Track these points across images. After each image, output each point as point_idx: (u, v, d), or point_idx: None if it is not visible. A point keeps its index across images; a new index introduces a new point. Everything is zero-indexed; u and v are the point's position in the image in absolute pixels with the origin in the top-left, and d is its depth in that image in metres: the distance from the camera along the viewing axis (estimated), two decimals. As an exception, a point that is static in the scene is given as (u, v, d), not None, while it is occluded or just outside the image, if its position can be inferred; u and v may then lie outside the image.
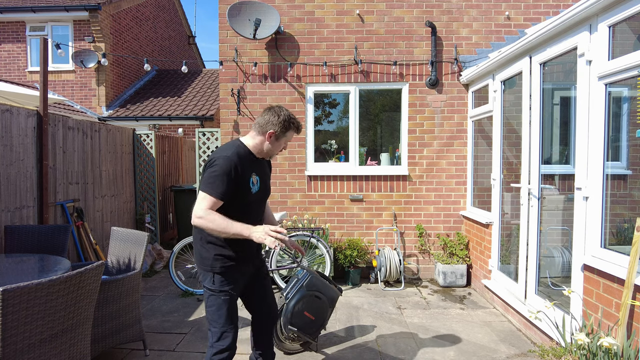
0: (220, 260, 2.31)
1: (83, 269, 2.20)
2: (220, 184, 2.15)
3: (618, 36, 2.82)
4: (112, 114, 10.76)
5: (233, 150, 2.25)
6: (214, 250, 2.31)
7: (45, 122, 4.45)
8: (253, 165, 2.32)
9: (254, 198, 2.32)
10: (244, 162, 2.25)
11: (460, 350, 3.46)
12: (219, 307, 2.32)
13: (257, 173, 2.33)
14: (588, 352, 2.56)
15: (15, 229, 3.89)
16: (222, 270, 2.30)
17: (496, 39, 5.43)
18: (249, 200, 2.30)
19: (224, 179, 2.15)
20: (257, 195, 2.34)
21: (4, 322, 1.83)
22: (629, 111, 3.53)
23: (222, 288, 2.31)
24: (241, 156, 2.25)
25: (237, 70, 5.54)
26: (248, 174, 2.26)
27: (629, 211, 3.72)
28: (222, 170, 2.15)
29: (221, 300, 2.32)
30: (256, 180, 2.32)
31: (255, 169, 2.32)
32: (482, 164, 5.22)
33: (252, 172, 2.29)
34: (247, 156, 2.30)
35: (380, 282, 5.23)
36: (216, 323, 2.33)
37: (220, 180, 2.15)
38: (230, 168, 2.17)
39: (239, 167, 2.20)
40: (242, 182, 2.23)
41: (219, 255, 2.30)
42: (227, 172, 2.15)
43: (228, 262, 2.31)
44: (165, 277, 5.62)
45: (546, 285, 3.93)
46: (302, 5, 5.50)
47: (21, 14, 10.77)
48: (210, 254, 2.31)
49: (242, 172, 2.22)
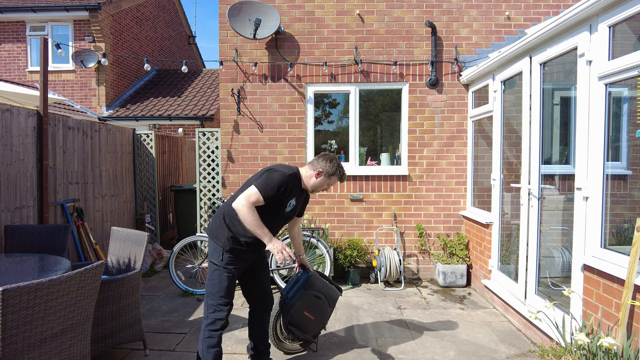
0: (233, 242, 2.69)
1: (83, 269, 2.20)
2: (272, 190, 2.57)
3: (618, 36, 2.82)
4: (112, 113, 10.76)
5: (292, 172, 2.71)
6: (232, 232, 2.68)
7: (45, 122, 4.45)
8: (296, 191, 2.74)
9: (284, 215, 2.76)
10: (293, 185, 2.69)
11: (460, 350, 3.46)
12: (221, 281, 2.67)
13: (296, 198, 2.77)
14: (588, 352, 2.56)
15: (15, 229, 3.89)
16: (232, 250, 2.67)
17: (496, 39, 5.43)
18: (280, 215, 2.74)
19: (275, 188, 2.57)
20: (287, 214, 2.78)
21: (4, 321, 1.83)
22: (629, 111, 3.53)
23: (228, 265, 2.68)
24: (293, 179, 2.70)
25: (237, 70, 5.54)
26: (290, 196, 2.69)
27: (629, 211, 3.72)
28: (279, 181, 2.59)
29: (224, 276, 2.68)
30: (293, 204, 2.76)
31: (296, 194, 2.76)
32: (482, 164, 5.22)
33: (294, 196, 2.73)
34: (296, 182, 2.74)
35: (380, 282, 5.23)
36: (214, 296, 2.67)
37: (273, 187, 2.57)
38: (284, 183, 2.61)
39: (288, 187, 2.64)
40: (283, 199, 2.65)
41: (234, 238, 2.68)
42: (280, 185, 2.59)
43: (239, 246, 2.70)
44: (165, 277, 5.62)
45: (546, 285, 3.93)
46: (302, 5, 5.50)
47: (21, 14, 10.77)
48: (227, 234, 2.69)
49: (287, 192, 2.65)
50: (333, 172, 2.75)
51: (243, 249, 2.72)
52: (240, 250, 2.71)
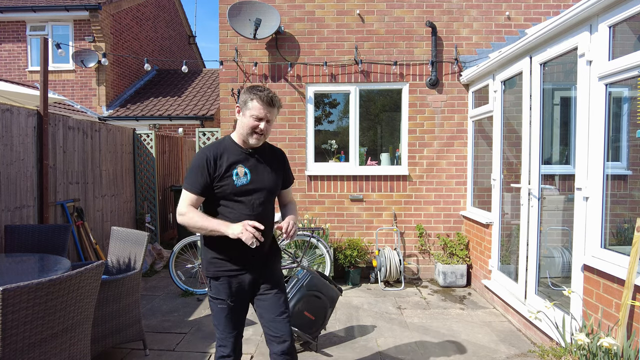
0: (214, 265, 2.20)
1: (83, 269, 2.20)
2: (195, 178, 2.09)
3: (618, 36, 2.82)
4: (112, 113, 10.76)
5: (214, 143, 2.21)
6: (210, 252, 2.21)
7: (45, 122, 4.45)
8: (233, 156, 2.15)
9: (240, 191, 2.13)
10: (227, 153, 2.14)
11: (460, 350, 3.46)
12: (217, 314, 2.23)
13: (245, 165, 2.16)
14: (588, 353, 2.56)
15: (15, 229, 3.89)
16: (215, 275, 2.19)
17: (496, 39, 5.43)
18: (234, 193, 2.12)
19: (198, 172, 2.09)
20: (245, 189, 2.14)
21: (4, 321, 1.83)
22: (629, 111, 3.53)
23: (217, 295, 2.20)
24: (221, 148, 2.17)
25: (238, 70, 5.54)
26: (231, 165, 2.13)
27: (629, 211, 3.72)
28: (197, 164, 2.11)
29: (217, 308, 2.22)
30: (243, 172, 2.14)
31: (243, 160, 2.17)
32: (482, 164, 5.22)
33: (238, 164, 2.14)
34: (231, 148, 2.19)
35: (380, 282, 5.23)
36: (216, 328, 2.27)
37: (194, 174, 2.10)
38: (203, 158, 2.10)
39: (218, 158, 2.12)
40: (222, 174, 2.11)
41: (214, 259, 2.20)
42: (200, 165, 2.09)
43: (222, 267, 2.19)
44: (165, 277, 5.62)
45: (546, 285, 3.93)
46: (303, 5, 5.50)
47: (21, 14, 10.77)
48: (207, 256, 2.23)
49: (221, 163, 2.12)
50: (246, 98, 2.11)
51: (228, 271, 2.18)
52: (225, 273, 2.18)
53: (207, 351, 3.44)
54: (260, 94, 2.08)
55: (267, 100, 2.09)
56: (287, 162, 2.44)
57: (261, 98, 2.08)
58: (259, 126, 2.10)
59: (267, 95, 2.09)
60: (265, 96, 2.08)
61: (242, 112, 2.14)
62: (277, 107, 2.16)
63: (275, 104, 2.12)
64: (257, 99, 2.08)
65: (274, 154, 2.35)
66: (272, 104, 2.11)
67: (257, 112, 2.08)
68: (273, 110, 2.14)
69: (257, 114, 2.08)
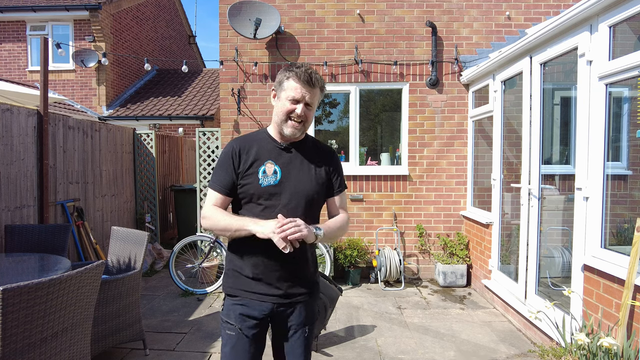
0: (231, 278, 1.79)
1: (83, 269, 2.20)
2: (220, 174, 1.76)
3: (618, 36, 2.82)
4: (112, 113, 10.76)
5: (245, 134, 1.88)
6: (231, 262, 1.83)
7: (45, 122, 4.45)
8: (272, 152, 1.78)
9: (266, 194, 1.72)
10: (256, 146, 1.78)
11: (460, 350, 3.46)
12: (225, 343, 1.77)
13: (277, 162, 1.76)
14: (588, 353, 2.56)
15: (15, 229, 3.89)
16: (230, 292, 1.78)
17: (497, 39, 5.42)
18: (258, 195, 1.72)
19: (224, 166, 1.75)
20: (272, 191, 1.72)
21: (4, 321, 1.83)
22: (630, 111, 3.53)
23: (227, 318, 1.77)
24: (252, 139, 1.81)
25: (238, 70, 5.54)
26: (259, 160, 1.75)
27: (629, 211, 3.72)
28: (222, 157, 1.78)
29: (225, 334, 1.77)
30: (272, 171, 1.73)
31: (275, 156, 1.77)
32: (483, 164, 5.22)
33: (268, 159, 1.75)
34: (263, 140, 1.81)
35: (380, 282, 5.23)
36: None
37: (219, 169, 1.77)
38: (229, 152, 1.76)
39: (245, 151, 1.76)
40: (247, 169, 1.73)
41: (232, 271, 1.80)
42: (225, 159, 1.76)
43: (240, 283, 1.76)
44: (165, 277, 5.62)
45: (546, 285, 3.92)
46: (303, 5, 5.50)
47: (22, 14, 10.77)
48: (227, 267, 1.85)
49: (248, 157, 1.75)
50: (282, 78, 1.75)
51: (248, 288, 1.74)
52: (245, 291, 1.75)
53: (207, 351, 3.45)
54: (297, 70, 1.71)
55: (306, 78, 1.70)
56: (338, 162, 1.93)
57: (298, 75, 1.70)
58: (296, 110, 1.71)
59: (305, 72, 1.70)
60: (303, 73, 1.70)
61: (277, 95, 1.78)
62: (319, 88, 1.76)
63: (316, 82, 1.73)
64: (294, 76, 1.71)
65: (319, 151, 1.88)
66: (311, 82, 1.71)
67: (293, 93, 1.70)
68: (314, 91, 1.73)
69: (293, 94, 1.70)
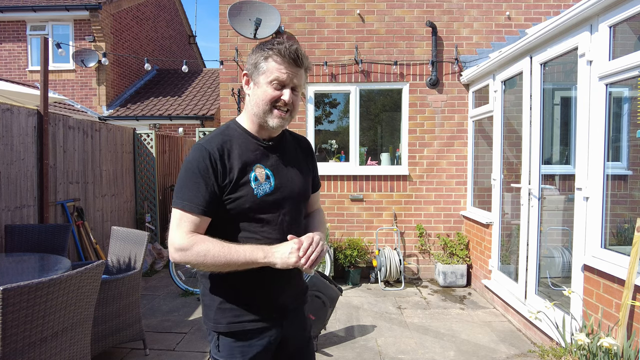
0: (229, 312, 1.42)
1: (83, 269, 2.20)
2: (195, 189, 1.33)
3: (619, 36, 2.82)
4: (112, 113, 10.76)
5: (214, 134, 1.43)
6: (220, 292, 1.43)
7: (45, 122, 4.45)
8: (258, 153, 1.44)
9: (264, 204, 1.40)
10: (236, 147, 1.41)
11: (460, 350, 3.46)
12: None
13: (266, 164, 1.44)
14: (588, 353, 2.56)
15: (15, 228, 3.89)
16: (232, 329, 1.42)
17: (497, 39, 5.42)
18: (254, 208, 1.39)
19: (198, 179, 1.34)
20: (270, 200, 1.41)
21: (4, 321, 1.84)
22: (630, 111, 3.53)
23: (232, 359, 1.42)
24: (228, 140, 1.41)
25: (238, 70, 5.54)
26: (245, 165, 1.39)
27: (629, 211, 3.72)
28: (194, 167, 1.35)
29: None
30: (264, 177, 1.41)
31: (262, 158, 1.44)
32: (483, 164, 5.22)
33: (256, 163, 1.42)
34: (241, 138, 1.44)
35: (380, 282, 5.23)
36: None
37: (192, 183, 1.34)
38: (205, 160, 1.34)
39: (226, 156, 1.37)
40: (235, 180, 1.37)
41: (226, 302, 1.43)
42: (201, 169, 1.34)
43: (241, 316, 1.42)
44: (165, 277, 5.62)
45: (546, 285, 3.93)
46: (303, 4, 5.50)
47: (22, 13, 10.77)
48: (214, 301, 1.44)
49: (232, 164, 1.37)
50: (258, 58, 1.38)
51: (253, 319, 1.42)
52: (249, 324, 1.42)
53: (207, 351, 3.44)
54: (278, 46, 1.34)
55: (291, 56, 1.35)
56: (314, 154, 1.71)
57: (281, 52, 1.34)
58: (282, 97, 1.37)
59: (288, 48, 1.34)
60: (287, 49, 1.34)
61: (254, 80, 1.40)
62: (305, 68, 1.41)
63: (302, 62, 1.38)
64: (275, 54, 1.35)
65: (299, 144, 1.63)
66: (298, 61, 1.36)
67: (277, 74, 1.35)
68: (300, 72, 1.39)
69: (277, 76, 1.35)
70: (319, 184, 1.73)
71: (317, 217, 1.67)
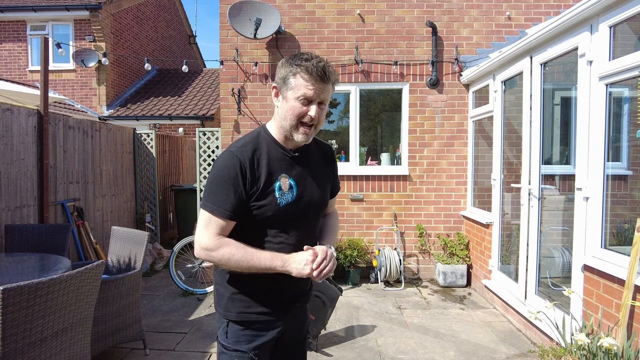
0: (240, 302, 1.54)
1: (83, 269, 2.20)
2: (224, 194, 1.43)
3: (619, 36, 2.82)
4: (112, 113, 10.77)
5: (246, 141, 1.51)
6: (233, 283, 1.55)
7: (45, 122, 4.46)
8: (283, 163, 1.52)
9: (285, 214, 1.50)
10: (265, 157, 1.49)
11: (460, 350, 3.46)
12: None
13: (291, 174, 1.53)
14: (588, 353, 2.56)
15: (15, 228, 3.89)
16: (241, 318, 1.53)
17: (497, 39, 5.42)
18: (276, 217, 1.49)
19: (229, 184, 1.43)
20: (291, 210, 1.51)
21: (4, 321, 1.84)
22: (630, 111, 3.53)
23: (239, 347, 1.53)
24: (258, 148, 1.50)
25: (238, 70, 5.54)
26: (272, 174, 1.48)
27: (630, 211, 3.72)
28: (224, 173, 1.44)
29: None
30: (288, 187, 1.50)
31: (287, 168, 1.53)
32: (483, 164, 5.22)
33: (282, 173, 1.51)
34: (270, 147, 1.52)
35: (380, 282, 5.23)
36: None
37: (222, 188, 1.43)
38: (236, 167, 1.43)
39: (256, 165, 1.46)
40: (262, 188, 1.46)
41: (239, 294, 1.54)
42: (232, 175, 1.43)
43: (252, 307, 1.54)
44: (165, 277, 5.62)
45: (546, 285, 3.93)
46: (303, 5, 5.50)
47: (22, 13, 10.77)
48: (227, 290, 1.55)
49: (260, 173, 1.47)
50: (287, 73, 1.45)
51: (262, 310, 1.55)
52: (258, 315, 1.54)
53: (207, 351, 3.45)
54: (306, 63, 1.41)
55: (319, 73, 1.41)
56: (336, 162, 1.79)
57: (309, 70, 1.40)
58: (309, 113, 1.44)
59: (316, 65, 1.41)
60: (314, 67, 1.40)
61: (282, 93, 1.48)
62: (332, 83, 1.47)
63: (329, 77, 1.44)
64: (303, 71, 1.41)
65: (323, 152, 1.69)
66: (324, 77, 1.42)
67: (304, 91, 1.42)
68: (327, 88, 1.46)
69: (304, 92, 1.42)
70: (338, 187, 1.80)
71: (331, 221, 1.77)
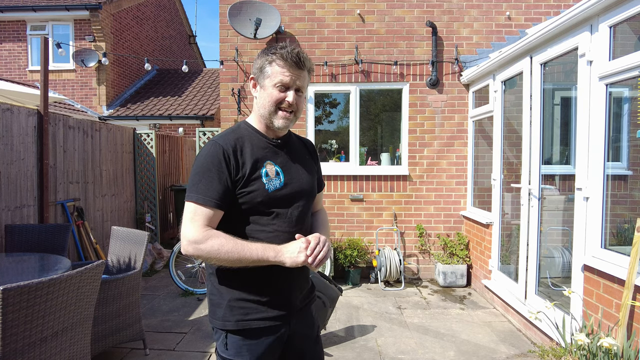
0: (239, 310, 1.45)
1: (83, 268, 2.20)
2: (209, 183, 1.39)
3: (619, 36, 2.82)
4: (112, 113, 10.76)
5: (227, 132, 1.53)
6: (229, 290, 1.47)
7: (45, 121, 4.45)
8: (268, 151, 1.53)
9: (275, 199, 1.47)
10: (248, 144, 1.49)
11: (460, 350, 3.46)
12: None
13: (276, 161, 1.52)
14: (588, 353, 2.56)
15: (15, 228, 3.89)
16: (241, 326, 1.45)
17: (497, 39, 5.42)
18: (266, 202, 1.46)
19: (213, 173, 1.40)
20: (280, 195, 1.48)
21: (4, 321, 1.84)
22: (630, 111, 3.53)
23: (241, 358, 1.45)
24: (241, 137, 1.50)
25: (238, 70, 5.54)
26: (257, 161, 1.47)
27: (630, 212, 3.72)
28: (208, 162, 1.42)
29: None
30: (274, 173, 1.49)
31: (272, 155, 1.53)
32: (483, 164, 5.22)
33: (266, 160, 1.50)
34: (252, 137, 1.53)
35: (380, 282, 5.23)
36: None
37: (207, 177, 1.40)
38: (219, 155, 1.42)
39: (239, 152, 1.46)
40: (248, 175, 1.44)
41: (236, 300, 1.46)
42: (215, 163, 1.41)
43: (253, 313, 1.46)
44: (165, 277, 5.62)
45: (546, 285, 3.93)
46: (303, 4, 5.50)
47: (22, 13, 10.77)
48: (223, 298, 1.47)
49: (244, 160, 1.45)
50: (263, 62, 1.48)
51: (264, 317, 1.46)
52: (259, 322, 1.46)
53: (207, 351, 3.45)
54: (281, 51, 1.44)
55: (293, 59, 1.44)
56: (318, 156, 1.81)
57: (283, 57, 1.44)
58: (287, 98, 1.46)
59: (290, 52, 1.44)
60: (289, 53, 1.44)
61: (260, 83, 1.51)
62: (307, 70, 1.50)
63: (304, 64, 1.47)
64: (279, 58, 1.44)
65: (304, 145, 1.73)
66: (300, 64, 1.46)
67: (281, 77, 1.45)
68: (302, 74, 1.49)
69: (281, 79, 1.45)
70: (323, 184, 1.81)
71: (321, 217, 1.76)
